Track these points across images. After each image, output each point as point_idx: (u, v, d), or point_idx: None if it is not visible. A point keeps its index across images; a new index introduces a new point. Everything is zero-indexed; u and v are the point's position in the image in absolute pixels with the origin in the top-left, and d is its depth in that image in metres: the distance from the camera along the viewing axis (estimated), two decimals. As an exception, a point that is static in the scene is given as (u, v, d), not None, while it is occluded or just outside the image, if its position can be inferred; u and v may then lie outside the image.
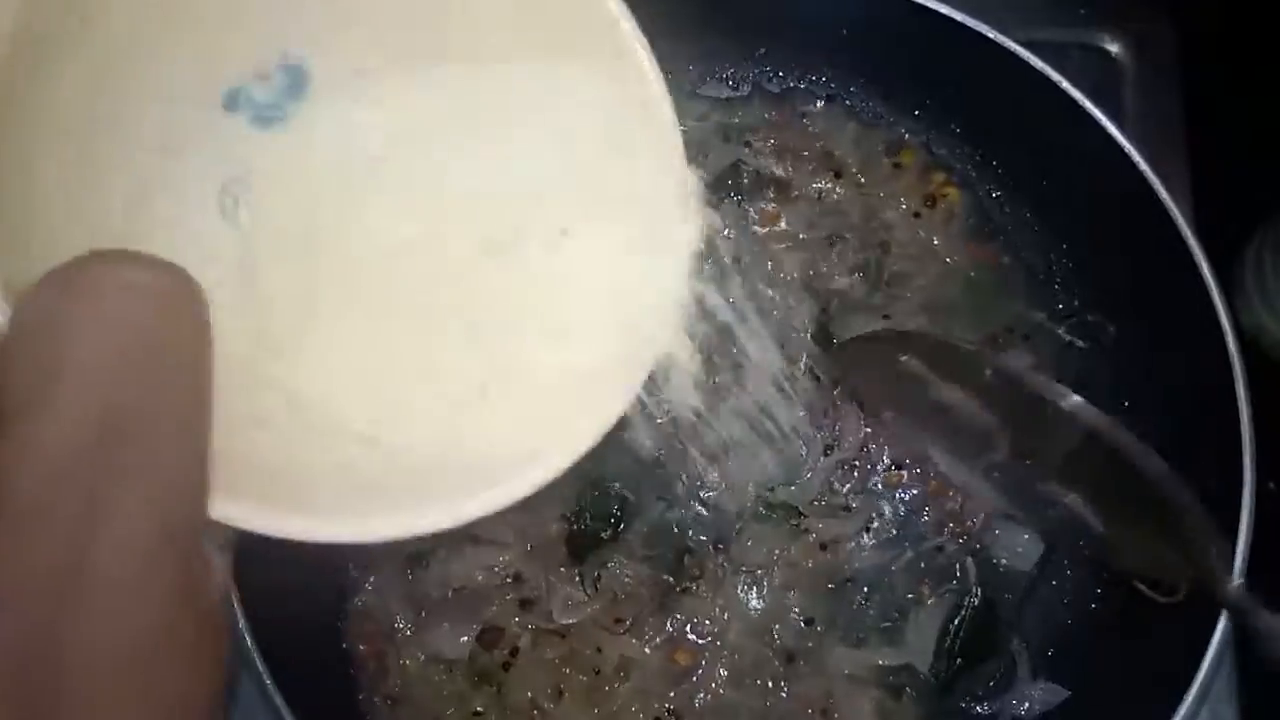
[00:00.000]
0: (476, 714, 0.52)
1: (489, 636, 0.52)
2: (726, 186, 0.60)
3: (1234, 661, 0.57)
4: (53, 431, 0.20)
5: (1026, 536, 0.54)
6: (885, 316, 0.58)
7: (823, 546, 0.54)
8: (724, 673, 0.52)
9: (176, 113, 0.29)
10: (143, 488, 0.21)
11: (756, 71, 0.62)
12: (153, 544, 0.21)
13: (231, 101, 0.30)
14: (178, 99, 0.29)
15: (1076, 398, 0.46)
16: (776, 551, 0.54)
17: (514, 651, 0.53)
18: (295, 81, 0.30)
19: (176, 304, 0.22)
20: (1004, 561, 0.54)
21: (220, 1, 0.29)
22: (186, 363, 0.22)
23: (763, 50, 0.61)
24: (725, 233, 0.58)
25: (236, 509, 0.24)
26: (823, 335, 0.57)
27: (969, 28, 0.53)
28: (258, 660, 0.45)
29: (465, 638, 0.52)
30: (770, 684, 0.52)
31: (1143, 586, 0.51)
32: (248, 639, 0.45)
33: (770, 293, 0.58)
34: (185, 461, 0.22)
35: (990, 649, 0.53)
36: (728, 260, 0.53)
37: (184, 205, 0.29)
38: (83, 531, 0.20)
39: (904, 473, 0.56)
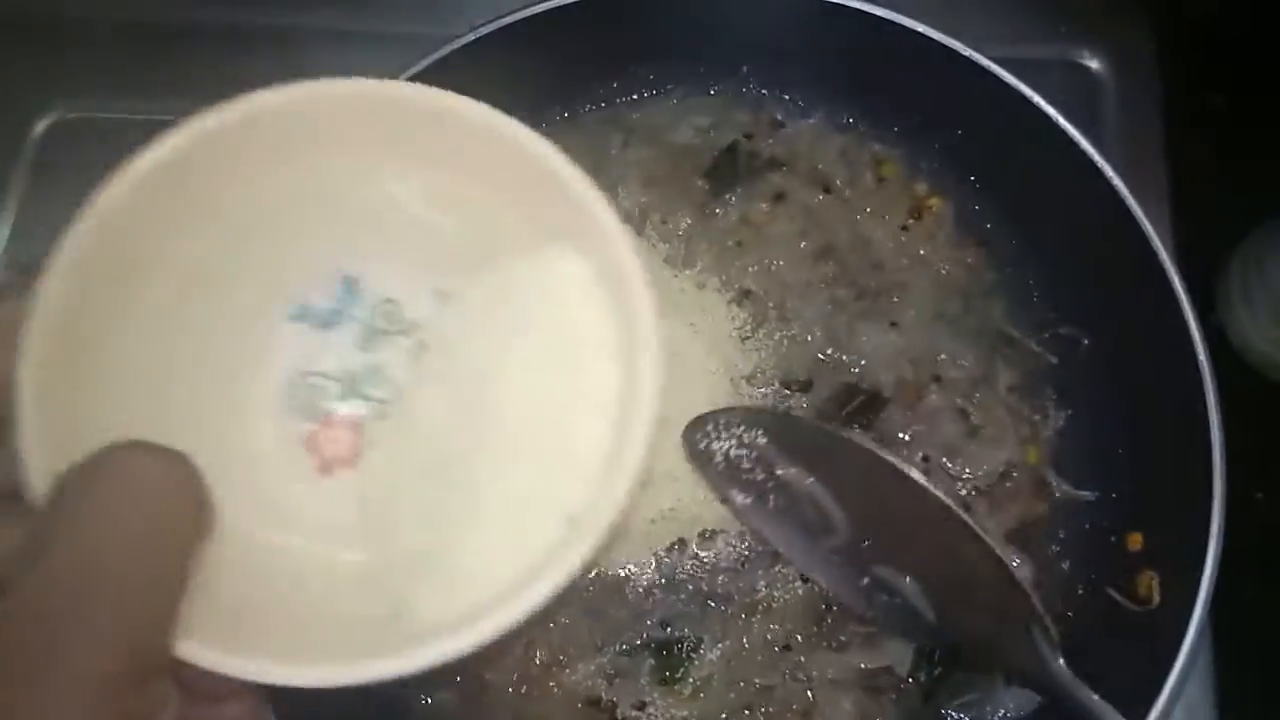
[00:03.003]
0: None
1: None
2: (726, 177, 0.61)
3: (1211, 665, 0.58)
4: (36, 583, 0.24)
5: (1015, 562, 0.54)
6: (893, 324, 0.58)
7: (804, 579, 0.54)
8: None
9: (244, 328, 0.35)
10: (104, 633, 0.25)
11: (740, 90, 0.63)
12: (105, 680, 0.24)
13: (300, 313, 0.35)
14: (246, 317, 0.35)
15: (916, 474, 0.47)
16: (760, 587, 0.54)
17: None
18: (349, 289, 0.36)
19: (173, 488, 0.27)
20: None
21: (281, 236, 0.34)
22: (173, 538, 0.27)
23: (745, 68, 0.62)
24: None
25: (202, 651, 0.28)
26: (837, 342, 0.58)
27: (944, 45, 0.54)
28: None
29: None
30: (754, 684, 0.53)
31: (1116, 594, 0.52)
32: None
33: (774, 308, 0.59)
34: (151, 615, 0.26)
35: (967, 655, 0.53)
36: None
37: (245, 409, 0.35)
38: (41, 662, 0.24)
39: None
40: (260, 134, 0.33)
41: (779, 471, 0.51)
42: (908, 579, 0.49)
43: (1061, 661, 0.47)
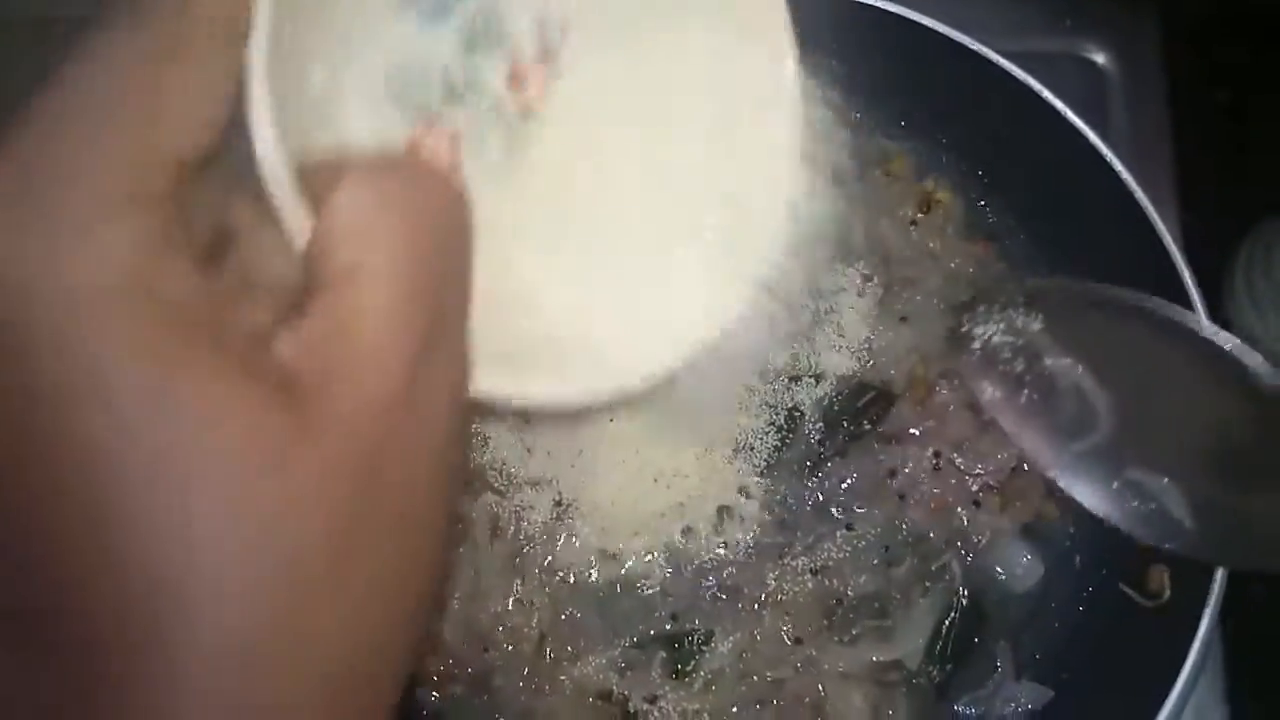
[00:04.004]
0: None
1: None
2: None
3: (1221, 661, 0.58)
4: (380, 289, 0.23)
5: (1027, 559, 0.54)
6: (903, 319, 0.58)
7: (813, 572, 0.54)
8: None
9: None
10: (447, 348, 0.24)
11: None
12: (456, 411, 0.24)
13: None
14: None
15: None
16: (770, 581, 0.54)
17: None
18: None
19: (459, 203, 0.26)
20: (1002, 579, 0.55)
21: None
22: (465, 250, 0.26)
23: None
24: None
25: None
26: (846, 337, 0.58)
27: (951, 39, 0.54)
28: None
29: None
30: (765, 677, 0.53)
31: (1128, 589, 0.52)
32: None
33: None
34: (465, 332, 0.26)
35: (978, 650, 0.53)
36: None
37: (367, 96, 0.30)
38: (419, 370, 0.23)
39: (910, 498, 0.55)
40: None
41: (1046, 361, 0.47)
42: (1166, 480, 0.45)
43: None
